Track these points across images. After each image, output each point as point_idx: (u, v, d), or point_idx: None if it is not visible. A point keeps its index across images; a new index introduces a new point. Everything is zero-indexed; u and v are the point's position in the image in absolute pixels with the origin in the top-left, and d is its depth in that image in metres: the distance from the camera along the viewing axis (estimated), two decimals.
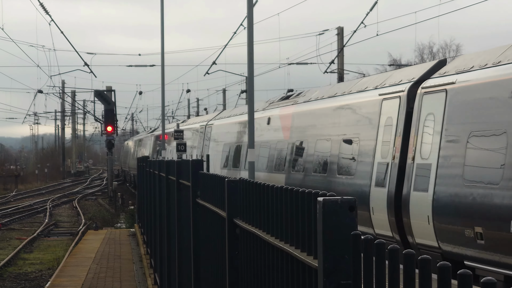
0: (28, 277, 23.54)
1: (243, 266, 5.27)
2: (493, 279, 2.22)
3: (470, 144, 12.20)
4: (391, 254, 2.61)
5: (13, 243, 32.03)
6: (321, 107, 19.53)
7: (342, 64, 40.58)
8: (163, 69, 35.95)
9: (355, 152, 16.68)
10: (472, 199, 11.95)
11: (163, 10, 35.19)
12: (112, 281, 17.24)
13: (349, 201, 2.97)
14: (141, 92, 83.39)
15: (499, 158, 11.47)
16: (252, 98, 18.31)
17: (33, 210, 48.00)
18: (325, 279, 2.97)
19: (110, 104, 49.19)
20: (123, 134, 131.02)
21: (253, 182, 4.79)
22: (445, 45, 74.73)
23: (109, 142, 50.20)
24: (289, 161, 21.32)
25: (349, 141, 17.16)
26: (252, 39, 17.92)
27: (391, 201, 14.46)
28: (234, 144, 28.45)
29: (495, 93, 11.87)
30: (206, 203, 7.11)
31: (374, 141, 15.74)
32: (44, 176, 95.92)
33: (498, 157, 11.51)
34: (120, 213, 43.22)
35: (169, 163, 11.52)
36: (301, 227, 3.51)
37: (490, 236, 11.49)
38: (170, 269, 11.77)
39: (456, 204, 12.33)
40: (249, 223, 4.95)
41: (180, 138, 35.79)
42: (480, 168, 11.90)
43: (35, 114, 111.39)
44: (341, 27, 41.88)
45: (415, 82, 14.67)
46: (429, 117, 13.67)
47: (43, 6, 40.05)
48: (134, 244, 24.55)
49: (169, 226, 11.72)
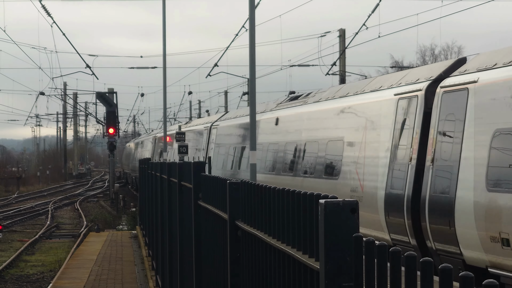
0: (29, 279, 23.55)
1: (245, 268, 5.27)
2: (495, 281, 2.21)
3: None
4: (393, 256, 2.61)
5: (14, 245, 32.03)
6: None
7: (344, 66, 40.57)
8: (164, 71, 35.95)
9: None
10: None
11: (165, 11, 35.21)
12: (114, 283, 17.24)
13: (350, 203, 2.97)
14: (143, 94, 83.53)
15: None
16: (254, 100, 18.31)
17: (35, 212, 48.01)
18: (327, 281, 2.97)
19: (112, 106, 49.20)
20: (124, 136, 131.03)
21: (255, 184, 4.79)
22: (447, 47, 74.76)
23: (111, 144, 50.21)
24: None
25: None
26: (254, 41, 17.92)
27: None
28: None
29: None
30: (208, 205, 7.11)
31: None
32: (46, 178, 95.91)
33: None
34: (122, 215, 43.21)
35: (171, 165, 11.51)
36: (303, 229, 3.51)
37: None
38: (171, 271, 11.76)
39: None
40: (251, 225, 4.95)
41: (182, 140, 35.78)
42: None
43: (37, 116, 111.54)
44: (343, 29, 41.87)
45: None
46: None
47: (45, 8, 40.07)
48: (135, 246, 24.54)
49: (170, 228, 11.71)
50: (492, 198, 11.55)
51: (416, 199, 13.76)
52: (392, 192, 14.65)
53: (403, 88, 15.20)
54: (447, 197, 12.68)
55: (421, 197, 13.51)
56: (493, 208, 11.50)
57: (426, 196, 13.34)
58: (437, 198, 13.00)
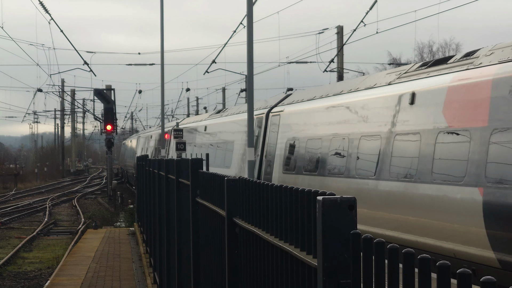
0: (27, 276, 23.55)
1: (243, 265, 5.27)
2: (493, 278, 2.20)
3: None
4: (390, 253, 2.61)
5: (12, 242, 32.03)
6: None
7: (341, 63, 40.58)
8: (162, 68, 35.95)
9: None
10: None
11: (163, 8, 35.19)
12: (111, 280, 17.24)
13: (348, 200, 2.97)
14: (141, 91, 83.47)
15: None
16: (251, 97, 18.31)
17: (33, 209, 48.00)
18: (324, 278, 2.96)
19: (109, 102, 49.18)
20: (122, 133, 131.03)
21: (253, 181, 4.79)
22: (445, 44, 74.88)
23: (109, 141, 50.20)
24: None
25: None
26: (251, 38, 17.92)
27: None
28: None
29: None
30: (206, 202, 7.11)
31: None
32: (44, 175, 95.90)
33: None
34: (119, 212, 43.21)
35: (168, 162, 11.51)
36: (300, 226, 3.51)
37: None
38: (169, 268, 11.77)
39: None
40: (248, 222, 4.95)
41: (180, 137, 35.75)
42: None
43: (35, 112, 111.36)
44: (341, 26, 41.90)
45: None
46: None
47: (43, 4, 40.04)
48: (133, 243, 24.54)
49: (168, 225, 11.71)
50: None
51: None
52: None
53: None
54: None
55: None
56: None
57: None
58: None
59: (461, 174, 11.58)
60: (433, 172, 12.38)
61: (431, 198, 12.37)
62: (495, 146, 10.92)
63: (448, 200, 11.90)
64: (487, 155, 11.04)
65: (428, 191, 12.49)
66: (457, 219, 11.65)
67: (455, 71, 12.84)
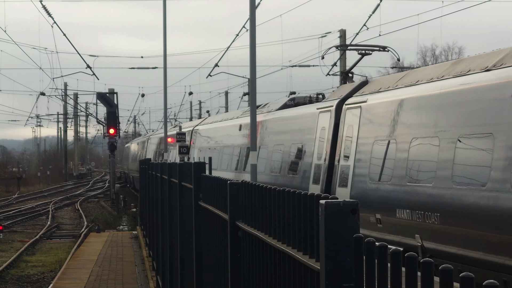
0: (30, 279, 23.55)
1: (245, 268, 5.27)
2: (495, 282, 2.20)
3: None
4: (393, 256, 2.61)
5: (15, 245, 32.04)
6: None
7: (344, 67, 40.57)
8: (165, 71, 35.97)
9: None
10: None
11: (165, 11, 35.22)
12: (114, 283, 17.24)
13: (351, 204, 2.97)
14: (144, 95, 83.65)
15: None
16: (254, 101, 18.31)
17: (36, 212, 48.02)
18: (327, 282, 2.96)
19: (112, 106, 49.22)
20: (125, 136, 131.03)
21: (255, 185, 4.79)
22: (448, 47, 74.82)
23: (111, 144, 50.24)
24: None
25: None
26: (254, 41, 17.93)
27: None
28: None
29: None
30: (209, 206, 7.11)
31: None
32: (47, 178, 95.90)
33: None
34: (122, 216, 43.24)
35: (171, 165, 11.51)
36: (303, 230, 3.51)
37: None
38: (172, 272, 11.76)
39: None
40: (251, 226, 4.95)
41: (183, 141, 35.75)
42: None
43: (38, 116, 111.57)
44: (343, 29, 41.90)
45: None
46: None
47: (46, 8, 40.09)
48: (136, 247, 24.54)
49: (171, 228, 11.71)
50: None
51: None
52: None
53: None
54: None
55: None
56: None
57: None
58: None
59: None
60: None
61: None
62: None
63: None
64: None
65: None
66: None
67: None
